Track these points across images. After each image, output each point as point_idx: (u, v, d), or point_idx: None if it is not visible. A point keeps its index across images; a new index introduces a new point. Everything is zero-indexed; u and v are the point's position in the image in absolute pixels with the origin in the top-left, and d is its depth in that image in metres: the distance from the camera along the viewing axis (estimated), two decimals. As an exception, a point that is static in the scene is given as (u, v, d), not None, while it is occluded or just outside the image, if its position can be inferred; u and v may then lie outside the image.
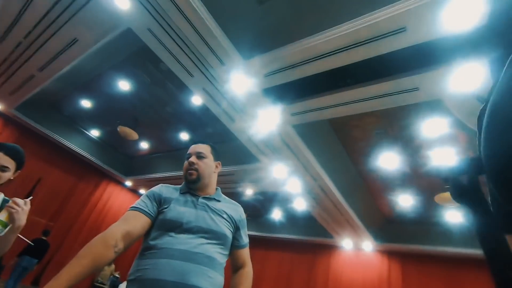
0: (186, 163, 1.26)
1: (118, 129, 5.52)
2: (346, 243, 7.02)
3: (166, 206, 1.12)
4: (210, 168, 1.27)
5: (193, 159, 1.25)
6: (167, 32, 3.10)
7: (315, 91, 3.42)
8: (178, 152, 6.56)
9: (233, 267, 1.23)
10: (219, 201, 1.25)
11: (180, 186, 1.26)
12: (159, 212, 1.11)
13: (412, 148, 4.22)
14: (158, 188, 1.20)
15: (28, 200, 1.20)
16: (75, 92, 5.34)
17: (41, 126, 6.27)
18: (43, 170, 6.74)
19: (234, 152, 5.47)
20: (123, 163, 7.81)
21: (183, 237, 1.04)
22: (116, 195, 8.30)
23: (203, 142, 1.32)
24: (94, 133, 6.87)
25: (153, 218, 1.09)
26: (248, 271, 1.22)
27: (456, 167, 0.39)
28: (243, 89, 3.47)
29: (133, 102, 5.16)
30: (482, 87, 2.51)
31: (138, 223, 1.04)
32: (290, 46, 2.89)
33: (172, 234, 1.04)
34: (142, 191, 8.54)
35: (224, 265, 1.14)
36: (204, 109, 4.61)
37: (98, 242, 0.92)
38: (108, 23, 3.27)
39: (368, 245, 6.73)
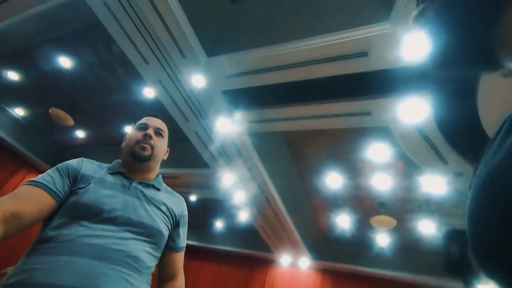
0: (138, 133, 1.04)
1: (50, 110, 4.80)
2: (284, 259, 7.05)
3: (83, 186, 0.84)
4: (163, 151, 1.07)
5: (151, 131, 1.03)
6: (126, 10, 2.80)
7: (274, 101, 3.39)
8: (118, 147, 5.97)
9: (161, 276, 0.97)
10: (158, 189, 1.01)
11: (109, 165, 1.01)
12: (72, 192, 0.83)
13: (355, 170, 4.44)
14: (76, 162, 0.91)
15: None
16: (1, 61, 4.54)
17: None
18: None
19: (183, 154, 5.16)
20: (50, 151, 6.83)
21: (100, 228, 0.77)
22: (35, 187, 7.17)
23: (161, 119, 1.12)
24: (18, 111, 5.90)
25: (61, 199, 0.81)
26: (179, 285, 0.97)
27: (445, 240, 0.41)
28: (202, 87, 3.29)
29: (73, 83, 4.57)
30: (425, 120, 2.73)
31: (34, 203, 0.74)
32: (256, 51, 2.83)
33: (85, 223, 0.77)
34: (69, 185, 7.53)
35: (153, 270, 0.89)
36: (155, 103, 4.28)
37: None
38: (55, -14, 2.84)
39: (305, 262, 6.85)
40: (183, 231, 1.03)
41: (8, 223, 0.67)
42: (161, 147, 1.06)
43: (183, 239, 1.02)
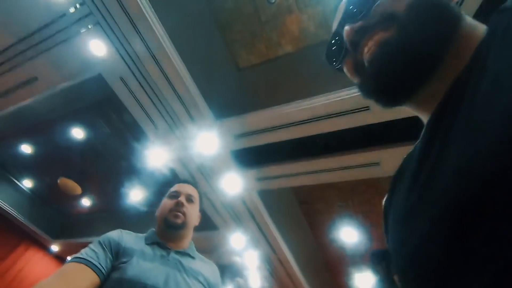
0: (171, 202, 1.03)
1: (58, 181, 4.85)
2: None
3: (125, 260, 0.82)
4: (195, 217, 1.08)
5: (182, 199, 1.03)
6: (139, 82, 3.04)
7: (281, 158, 3.45)
8: (125, 214, 5.86)
9: None
10: (193, 258, 1.00)
11: (145, 234, 1.00)
12: (114, 267, 0.81)
13: (370, 223, 4.27)
14: (116, 234, 0.92)
15: None
16: (17, 135, 4.75)
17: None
18: None
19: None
20: (53, 221, 6.67)
21: None
22: (34, 263, 6.81)
23: (193, 184, 1.13)
24: (26, 183, 5.94)
25: (104, 276, 0.78)
26: None
27: (372, 259, 0.50)
28: (211, 149, 3.37)
29: (84, 152, 4.70)
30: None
31: (80, 281, 0.72)
32: (262, 112, 2.99)
33: None
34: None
35: None
36: (165, 167, 4.33)
37: None
38: (77, 67, 3.13)
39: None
40: None
41: None
42: (193, 213, 1.06)
43: None
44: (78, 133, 4.31)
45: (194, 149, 3.48)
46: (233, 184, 3.68)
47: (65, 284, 0.69)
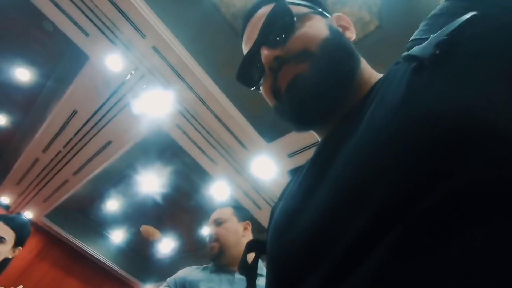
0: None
1: (140, 229, 5.35)
2: None
3: None
4: (234, 233, 1.05)
5: (211, 229, 1.06)
6: (193, 125, 3.31)
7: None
8: (204, 250, 6.12)
9: None
10: (262, 275, 0.98)
11: (210, 265, 1.05)
12: None
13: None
14: (181, 271, 1.00)
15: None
16: (103, 194, 5.47)
17: (67, 232, 6.22)
18: (62, 280, 6.34)
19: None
20: (143, 267, 7.29)
21: None
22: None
23: (220, 207, 1.16)
24: (117, 236, 6.69)
25: None
26: None
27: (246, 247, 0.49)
28: (268, 173, 3.42)
29: (156, 200, 5.16)
30: None
31: None
32: None
33: None
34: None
35: None
36: (229, 199, 4.49)
37: None
38: (141, 126, 3.56)
39: None
40: None
41: None
42: (228, 232, 1.05)
43: None
44: (151, 182, 4.78)
45: (253, 177, 3.57)
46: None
47: None
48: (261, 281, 0.94)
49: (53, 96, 4.07)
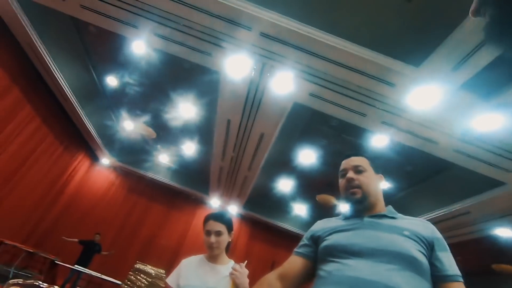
0: (342, 181, 1.10)
1: (316, 198, 5.75)
2: None
3: (325, 237, 1.03)
4: (374, 183, 1.07)
5: (351, 174, 1.06)
6: (327, 88, 3.20)
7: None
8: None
9: None
10: (393, 218, 0.99)
11: (341, 215, 1.12)
12: (319, 245, 1.04)
13: None
14: (314, 226, 1.15)
15: (242, 263, 1.39)
16: (274, 178, 6.23)
17: (264, 216, 7.66)
18: (275, 255, 7.81)
19: (454, 185, 4.28)
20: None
21: (351, 262, 0.87)
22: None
23: (355, 155, 1.14)
24: (299, 208, 7.50)
25: (310, 256, 1.06)
26: None
27: None
28: (433, 99, 2.85)
29: (320, 169, 5.37)
30: None
31: (293, 264, 1.06)
32: (462, 26, 2.24)
33: (338, 260, 0.91)
34: None
35: None
36: (391, 147, 4.08)
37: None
38: (280, 108, 3.79)
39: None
40: (444, 255, 0.90)
41: (281, 280, 1.01)
42: (369, 181, 1.06)
43: (449, 265, 0.88)
44: (309, 156, 5.03)
45: (413, 111, 3.08)
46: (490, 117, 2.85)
47: (281, 267, 1.06)
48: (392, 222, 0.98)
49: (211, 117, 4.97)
